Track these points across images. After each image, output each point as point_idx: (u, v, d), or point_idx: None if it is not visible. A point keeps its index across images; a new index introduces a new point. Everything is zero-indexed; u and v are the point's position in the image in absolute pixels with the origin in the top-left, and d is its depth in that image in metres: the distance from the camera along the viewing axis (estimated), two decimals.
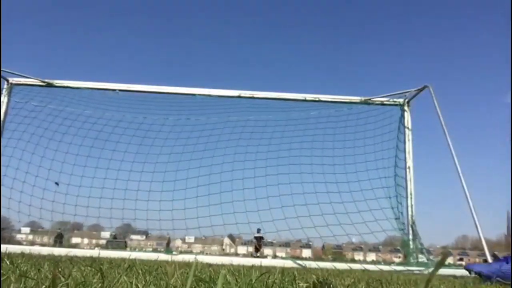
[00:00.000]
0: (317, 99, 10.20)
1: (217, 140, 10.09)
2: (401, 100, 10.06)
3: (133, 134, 10.18)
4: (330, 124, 10.23)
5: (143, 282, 1.72)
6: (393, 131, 9.85)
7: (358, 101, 10.22)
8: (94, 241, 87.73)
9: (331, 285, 2.06)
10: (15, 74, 10.04)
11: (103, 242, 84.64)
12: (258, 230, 18.27)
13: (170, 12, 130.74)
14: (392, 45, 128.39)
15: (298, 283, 2.02)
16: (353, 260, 68.88)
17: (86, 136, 10.12)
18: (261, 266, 4.19)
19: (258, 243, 19.86)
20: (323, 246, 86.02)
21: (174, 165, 9.89)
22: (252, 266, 3.94)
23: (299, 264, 6.51)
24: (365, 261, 62.00)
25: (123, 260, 4.12)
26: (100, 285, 1.57)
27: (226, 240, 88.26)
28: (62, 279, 1.65)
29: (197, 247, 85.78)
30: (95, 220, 9.50)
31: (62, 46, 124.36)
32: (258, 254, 19.36)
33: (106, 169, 9.77)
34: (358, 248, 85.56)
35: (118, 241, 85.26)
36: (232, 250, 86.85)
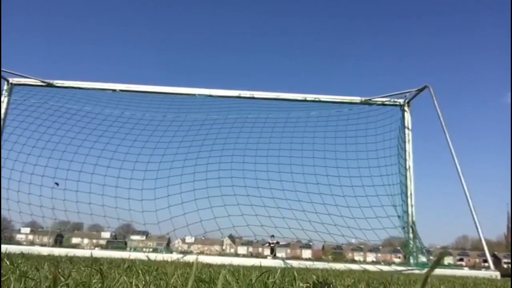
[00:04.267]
0: (317, 99, 10.20)
1: (224, 142, 10.13)
2: (401, 101, 10.06)
3: (132, 134, 10.24)
4: (331, 123, 10.26)
5: (143, 282, 1.72)
6: (394, 131, 9.88)
7: (358, 101, 10.21)
8: (94, 241, 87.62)
9: (331, 285, 2.06)
10: (15, 74, 10.04)
11: (103, 242, 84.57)
12: (272, 236, 19.80)
13: (170, 12, 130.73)
14: (392, 45, 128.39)
15: (298, 283, 2.02)
16: (353, 261, 68.83)
17: (86, 139, 10.15)
18: (261, 266, 4.18)
19: (272, 247, 21.86)
20: (323, 247, 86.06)
21: (180, 163, 9.92)
22: (252, 266, 3.94)
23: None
24: (365, 262, 61.96)
25: (123, 260, 4.12)
26: (100, 285, 1.57)
27: (226, 241, 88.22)
28: (62, 279, 1.65)
29: (197, 247, 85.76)
30: (97, 219, 9.47)
31: (63, 47, 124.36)
32: (273, 255, 21.38)
33: (107, 168, 9.80)
34: (358, 248, 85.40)
35: (118, 241, 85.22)
36: (232, 250, 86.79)
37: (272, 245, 21.60)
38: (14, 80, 10.13)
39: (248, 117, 10.23)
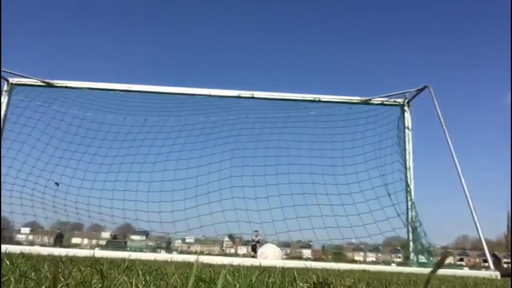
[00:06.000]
0: (317, 99, 10.20)
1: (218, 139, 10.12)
2: (401, 100, 10.07)
3: (133, 136, 10.24)
4: (330, 124, 10.25)
5: (143, 282, 1.72)
6: (393, 130, 9.88)
7: (358, 101, 10.21)
8: (94, 241, 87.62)
9: (331, 286, 2.06)
10: (15, 74, 10.04)
11: (103, 242, 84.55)
12: (256, 231, 19.09)
13: (170, 12, 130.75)
14: (392, 45, 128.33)
15: (298, 283, 2.02)
16: (353, 261, 68.83)
17: (85, 137, 10.16)
18: (261, 266, 4.18)
19: (254, 245, 20.50)
20: (323, 247, 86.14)
21: (173, 164, 9.94)
22: (252, 266, 3.94)
23: None
24: (365, 262, 61.93)
25: (123, 260, 4.12)
26: (100, 285, 1.56)
27: (227, 240, 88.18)
28: (62, 279, 1.65)
29: (197, 248, 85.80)
30: (96, 220, 9.48)
31: (63, 47, 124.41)
32: (254, 254, 19.99)
33: (107, 172, 9.83)
34: (358, 248, 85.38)
35: (118, 241, 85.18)
36: (232, 251, 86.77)
37: (254, 243, 20.46)
38: (14, 80, 10.12)
39: (248, 117, 10.25)
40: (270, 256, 9.11)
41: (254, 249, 20.10)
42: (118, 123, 10.17)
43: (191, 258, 6.80)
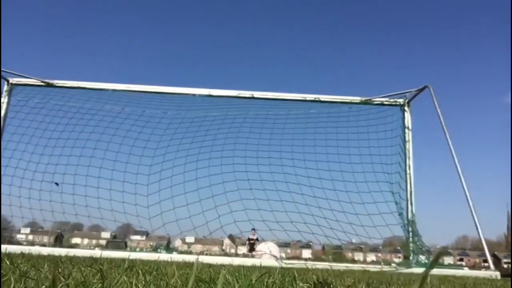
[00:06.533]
0: (317, 99, 10.19)
1: (217, 137, 10.09)
2: (401, 100, 10.06)
3: (132, 133, 10.21)
4: (331, 123, 10.24)
5: (143, 282, 1.72)
6: (393, 130, 9.88)
7: (358, 101, 10.21)
8: (94, 241, 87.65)
9: (331, 286, 2.06)
10: (15, 74, 10.03)
11: (103, 242, 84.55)
12: (253, 229, 18.68)
13: (170, 12, 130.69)
14: (392, 45, 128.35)
15: (298, 283, 2.02)
16: (353, 261, 68.82)
17: (88, 139, 10.12)
18: (261, 266, 4.18)
19: (252, 243, 20.05)
20: (323, 247, 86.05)
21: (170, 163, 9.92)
22: (252, 266, 3.94)
23: None
24: (365, 262, 61.94)
25: (123, 260, 4.12)
26: (100, 285, 1.56)
27: (227, 241, 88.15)
28: (62, 279, 1.65)
29: (197, 248, 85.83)
30: (96, 220, 9.43)
31: (63, 47, 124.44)
32: (253, 253, 19.56)
33: (112, 169, 9.78)
34: (358, 248, 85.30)
35: (118, 241, 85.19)
36: (233, 251, 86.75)
37: (252, 241, 20.07)
38: (14, 80, 10.12)
39: (248, 113, 10.25)
40: (267, 253, 9.06)
41: (252, 247, 19.78)
42: (117, 119, 10.14)
43: (191, 258, 6.80)
